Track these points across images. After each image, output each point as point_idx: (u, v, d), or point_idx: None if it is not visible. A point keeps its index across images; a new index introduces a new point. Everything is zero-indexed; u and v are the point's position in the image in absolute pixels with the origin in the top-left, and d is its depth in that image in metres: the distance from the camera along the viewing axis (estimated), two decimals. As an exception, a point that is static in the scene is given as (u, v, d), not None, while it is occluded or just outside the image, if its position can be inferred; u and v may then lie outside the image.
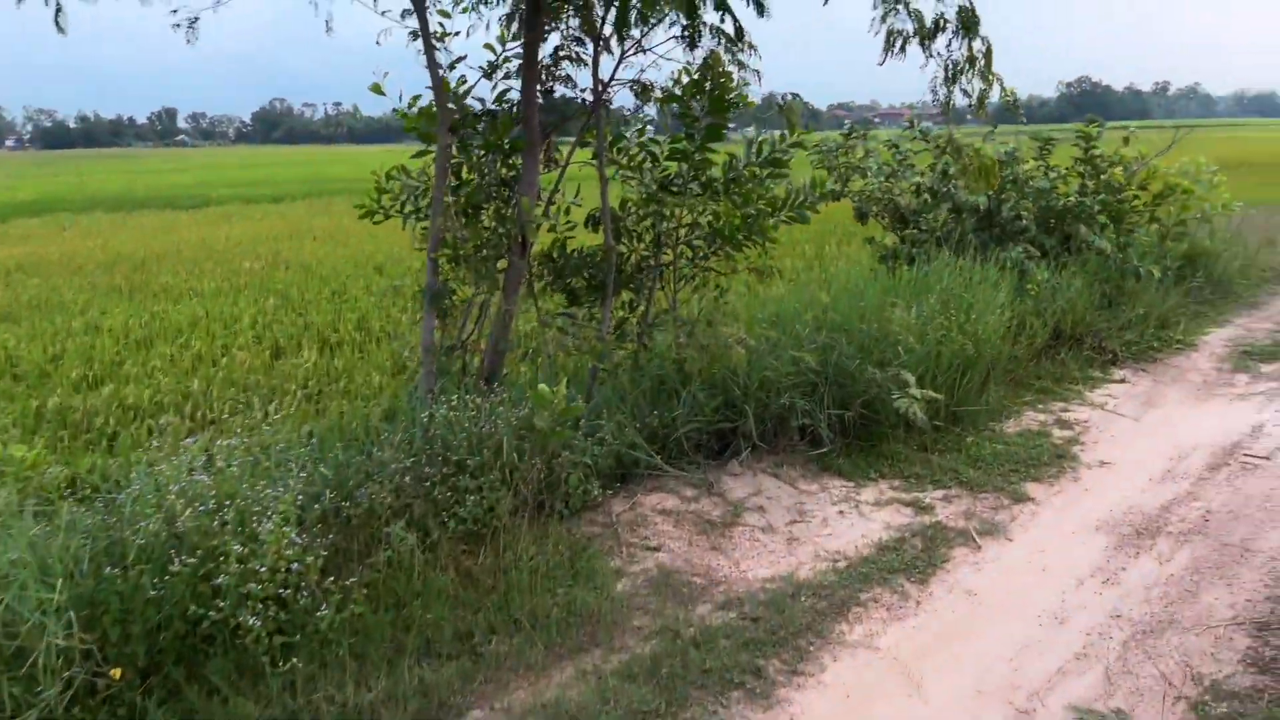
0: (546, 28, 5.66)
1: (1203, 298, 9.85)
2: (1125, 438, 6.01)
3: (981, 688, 3.32)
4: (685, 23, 5.59)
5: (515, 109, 5.72)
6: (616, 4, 5.53)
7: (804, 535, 4.63)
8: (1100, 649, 3.53)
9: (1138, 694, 3.21)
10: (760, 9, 5.53)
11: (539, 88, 5.83)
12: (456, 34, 5.71)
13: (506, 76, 5.82)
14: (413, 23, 5.32)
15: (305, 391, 7.31)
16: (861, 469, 5.42)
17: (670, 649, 3.54)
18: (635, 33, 5.65)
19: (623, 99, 5.95)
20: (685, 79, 5.82)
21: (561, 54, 5.85)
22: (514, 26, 5.86)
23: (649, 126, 6.52)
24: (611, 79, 5.78)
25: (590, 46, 5.78)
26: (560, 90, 5.95)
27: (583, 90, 5.93)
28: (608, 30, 5.68)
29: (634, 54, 5.76)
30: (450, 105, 5.57)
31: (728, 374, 5.52)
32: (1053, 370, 7.29)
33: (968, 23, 5.42)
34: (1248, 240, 12.05)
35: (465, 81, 5.69)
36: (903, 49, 5.40)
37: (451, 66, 5.59)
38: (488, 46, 5.74)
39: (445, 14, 5.62)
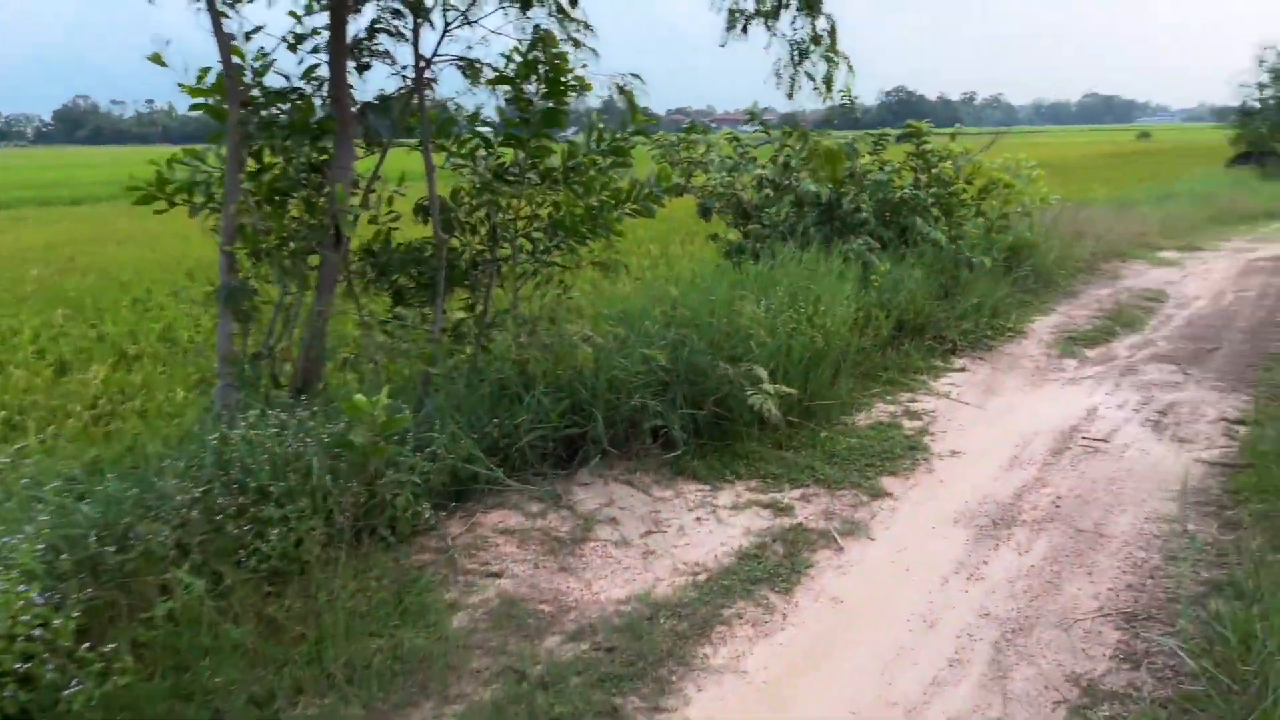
0: (358, -6, 5.07)
1: (1027, 287, 10.28)
2: (972, 426, 6.02)
3: (856, 708, 3.05)
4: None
5: (324, 87, 5.09)
6: (437, -31, 5.01)
7: (661, 547, 4.27)
8: (973, 652, 3.34)
9: (1017, 700, 3.02)
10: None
11: (352, 64, 5.23)
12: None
13: (316, 50, 5.18)
14: (196, -17, 4.61)
15: (94, 412, 6.36)
16: (717, 470, 5.13)
17: (514, 694, 3.08)
18: (459, 2, 5.15)
19: (452, 82, 5.38)
20: (517, 57, 5.37)
21: (378, 26, 5.26)
22: (320, -8, 5.23)
23: (483, 113, 6.04)
24: (434, 55, 5.25)
25: (410, 19, 5.24)
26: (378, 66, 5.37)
27: (403, 68, 5.37)
28: (429, 0, 5.16)
29: (459, 27, 5.26)
30: (247, 80, 4.88)
31: (574, 375, 5.10)
32: (898, 361, 7.30)
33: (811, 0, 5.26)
34: (1061, 233, 12.76)
35: (266, 55, 5.01)
36: (745, 29, 5.17)
37: (247, 36, 4.90)
38: (292, 14, 5.09)
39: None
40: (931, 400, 6.58)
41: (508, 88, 5.50)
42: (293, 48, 5.12)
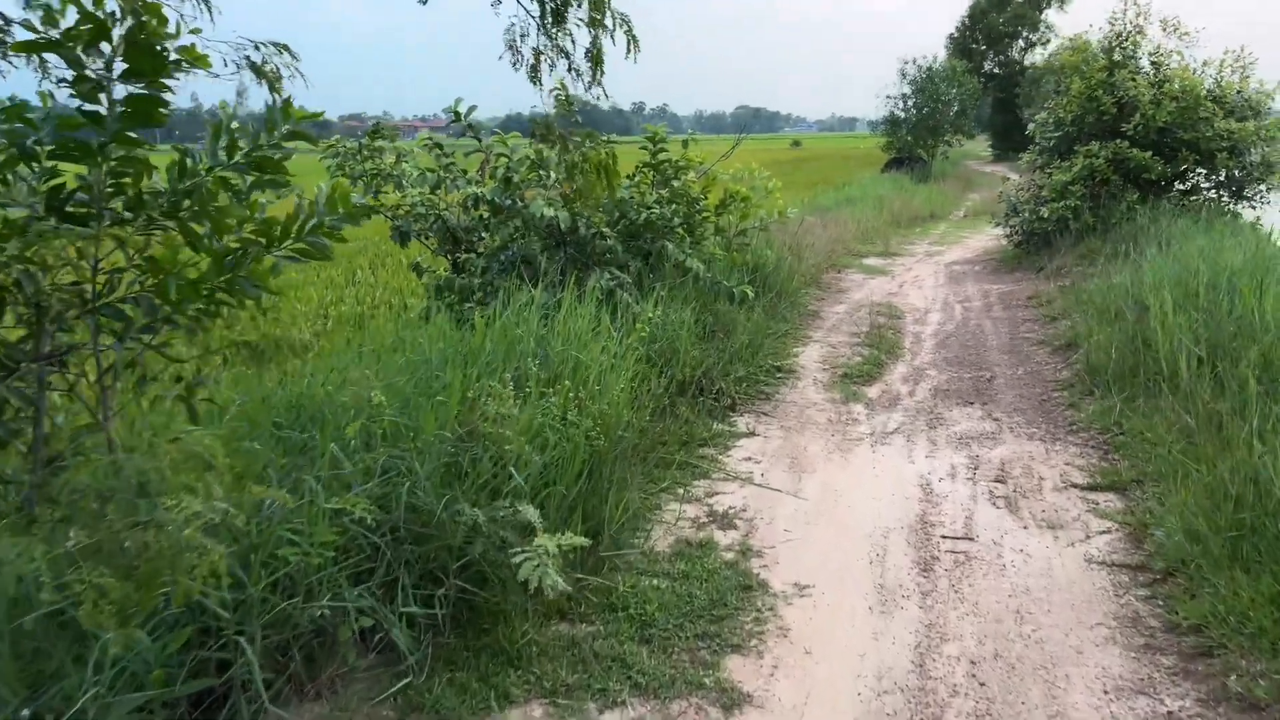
0: None
1: (777, 313, 9.23)
2: (801, 530, 4.50)
3: None
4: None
5: None
6: None
7: None
8: None
9: None
10: None
11: None
12: None
13: None
14: None
15: None
16: (475, 692, 3.10)
17: None
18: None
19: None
20: (73, 10, 2.96)
21: None
22: None
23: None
24: None
25: None
26: None
27: None
28: None
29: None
30: None
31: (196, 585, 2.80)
32: (677, 432, 5.67)
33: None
34: (787, 246, 12.05)
35: None
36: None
37: None
38: None
39: None
40: (734, 490, 5.00)
41: (58, 59, 3.06)
42: None
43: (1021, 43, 53.22)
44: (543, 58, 3.90)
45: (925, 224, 21.42)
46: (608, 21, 3.92)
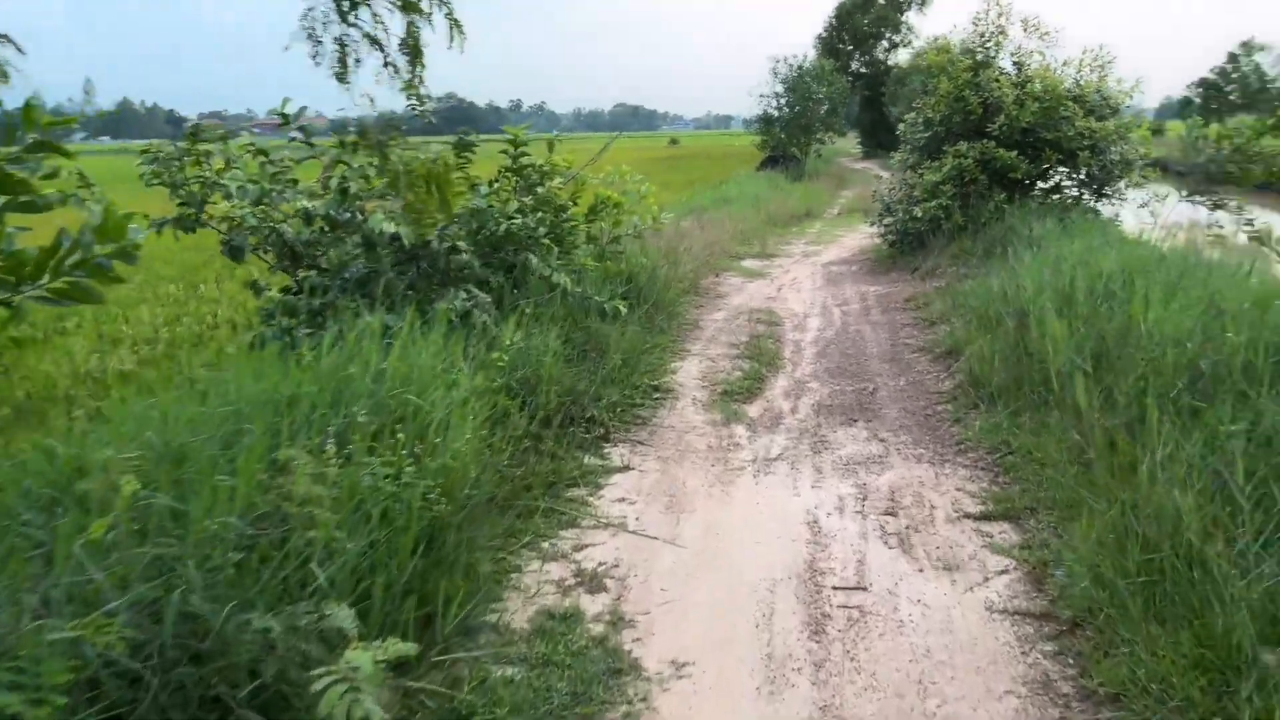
0: None
1: (654, 325, 8.75)
2: (679, 588, 3.99)
3: None
4: None
5: None
6: None
7: None
8: None
9: None
10: None
11: None
12: None
13: None
14: None
15: None
16: None
17: None
18: None
19: None
20: None
21: None
22: None
23: None
24: None
25: None
26: None
27: None
28: None
29: None
30: None
31: None
32: (543, 472, 5.07)
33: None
34: (665, 251, 11.60)
35: None
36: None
37: None
38: None
39: None
40: (606, 540, 4.45)
41: None
42: None
43: (885, 43, 54.88)
44: (349, 49, 3.25)
45: (802, 222, 21.48)
46: (424, 5, 3.30)
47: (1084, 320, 5.90)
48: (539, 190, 7.45)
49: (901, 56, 51.56)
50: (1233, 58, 45.89)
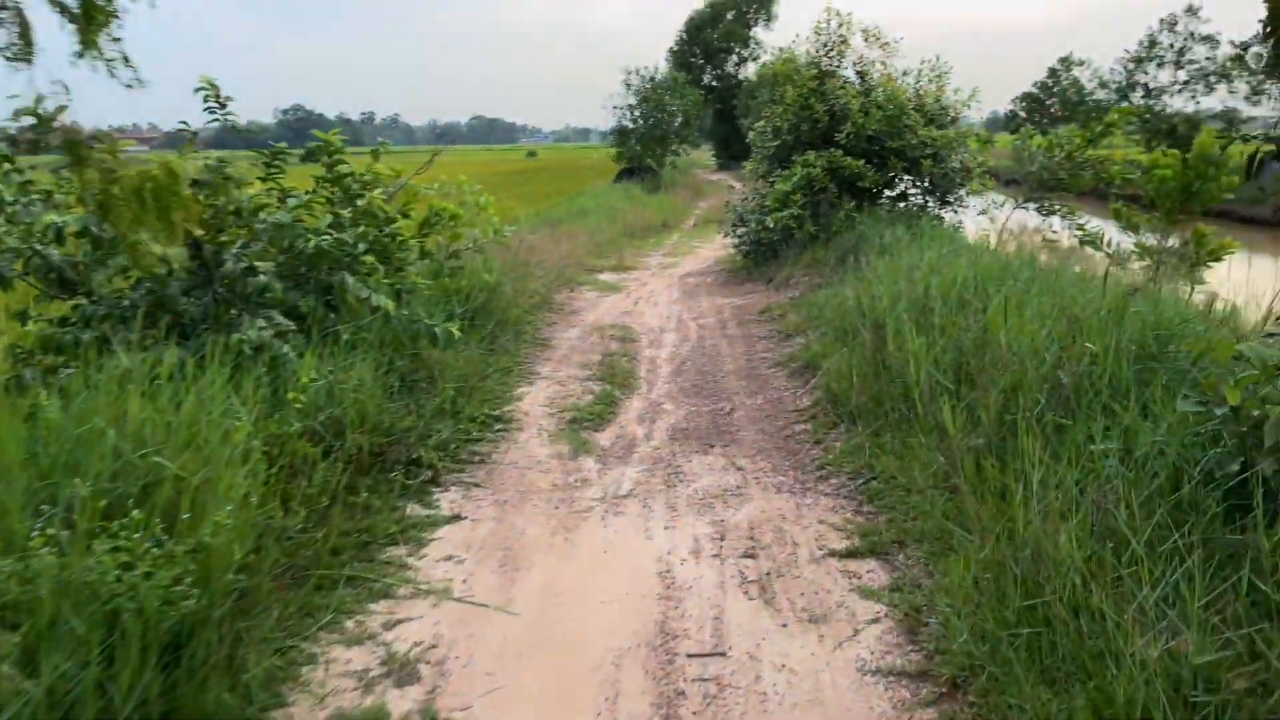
0: None
1: (499, 345, 8.08)
2: (509, 670, 3.35)
3: None
4: None
5: None
6: None
7: None
8: None
9: None
10: None
11: None
12: None
13: None
14: None
15: None
16: None
17: None
18: None
19: None
20: None
21: None
22: None
23: None
24: None
25: None
26: None
27: None
28: None
29: None
30: None
31: None
32: (353, 530, 4.33)
33: None
34: (514, 265, 10.93)
35: None
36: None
37: None
38: None
39: None
40: (425, 612, 3.76)
41: None
42: None
43: (735, 57, 56.02)
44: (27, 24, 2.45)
45: (659, 234, 21.23)
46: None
47: (940, 331, 5.66)
48: (359, 203, 6.67)
49: (751, 70, 52.77)
50: (1053, 73, 49.28)
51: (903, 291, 6.68)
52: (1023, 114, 49.18)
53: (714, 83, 54.94)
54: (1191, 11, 39.55)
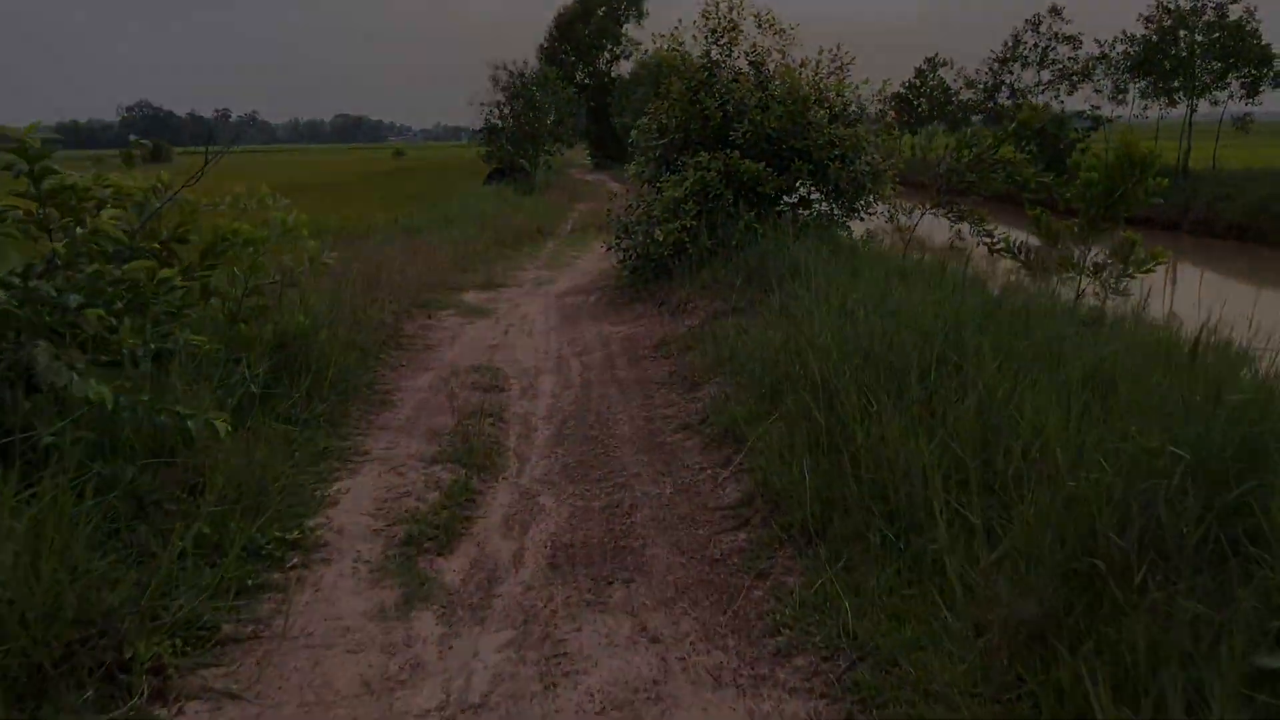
0: None
1: (314, 414, 6.04)
2: None
3: None
4: None
5: None
6: None
7: None
8: None
9: None
10: None
11: None
12: None
13: None
14: None
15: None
16: None
17: None
18: None
19: None
20: None
21: None
22: None
23: None
24: None
25: None
26: None
27: None
28: None
29: None
30: None
31: None
32: None
33: None
34: (351, 292, 8.81)
35: None
36: None
37: None
38: None
39: None
40: None
41: None
42: None
43: (607, 54, 54.46)
44: None
45: (533, 242, 19.33)
46: None
47: (920, 404, 4.06)
48: (80, 231, 4.55)
49: (625, 68, 51.36)
50: (920, 73, 49.89)
51: (849, 338, 5.08)
52: (892, 114, 49.70)
53: (587, 80, 53.27)
54: (1055, 12, 40.43)
